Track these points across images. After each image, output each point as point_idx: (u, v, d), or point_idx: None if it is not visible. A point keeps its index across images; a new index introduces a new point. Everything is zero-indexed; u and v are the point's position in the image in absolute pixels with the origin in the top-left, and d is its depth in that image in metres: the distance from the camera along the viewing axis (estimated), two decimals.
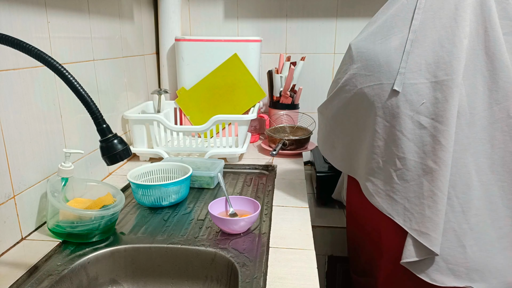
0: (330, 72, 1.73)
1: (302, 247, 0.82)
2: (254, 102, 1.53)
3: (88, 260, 0.79)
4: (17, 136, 0.82)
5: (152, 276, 0.83)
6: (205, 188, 1.14)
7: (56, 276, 0.72)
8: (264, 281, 0.70)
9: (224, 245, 0.82)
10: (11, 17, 0.80)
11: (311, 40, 1.70)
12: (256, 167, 1.30)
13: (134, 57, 1.43)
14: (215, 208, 0.91)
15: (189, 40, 1.53)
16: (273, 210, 0.98)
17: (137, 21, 1.45)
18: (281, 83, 1.59)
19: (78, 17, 1.04)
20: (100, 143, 0.65)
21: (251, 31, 1.71)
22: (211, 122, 1.29)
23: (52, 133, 0.93)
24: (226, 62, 1.53)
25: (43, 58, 0.59)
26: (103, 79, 1.18)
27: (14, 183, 0.81)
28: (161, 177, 1.12)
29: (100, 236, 0.84)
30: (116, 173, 1.25)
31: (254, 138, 1.64)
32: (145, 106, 1.49)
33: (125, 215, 0.97)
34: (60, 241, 0.83)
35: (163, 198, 1.00)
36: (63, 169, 0.87)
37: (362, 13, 1.64)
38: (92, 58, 1.11)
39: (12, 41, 0.59)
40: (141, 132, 1.32)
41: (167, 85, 1.68)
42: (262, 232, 0.88)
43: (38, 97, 0.88)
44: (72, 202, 0.90)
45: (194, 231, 0.88)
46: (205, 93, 1.55)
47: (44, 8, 0.90)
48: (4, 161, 0.78)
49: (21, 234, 0.84)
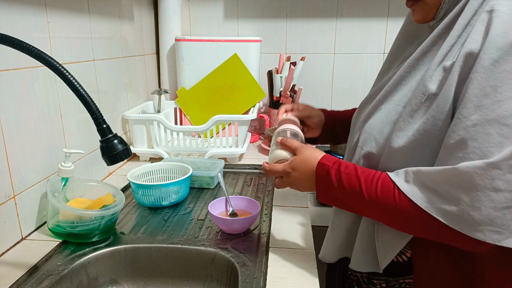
0: (330, 72, 1.73)
1: (302, 247, 0.82)
2: (254, 102, 1.53)
3: (88, 260, 0.79)
4: (17, 136, 0.82)
5: (152, 276, 0.83)
6: (205, 188, 1.14)
7: (56, 276, 0.72)
8: (264, 281, 0.70)
9: (224, 245, 0.82)
10: (11, 17, 0.80)
11: (311, 40, 1.70)
12: (256, 167, 1.30)
13: (134, 57, 1.43)
14: (215, 208, 0.91)
15: (189, 40, 1.53)
16: (273, 210, 0.98)
17: (137, 21, 1.45)
18: (281, 83, 1.59)
19: (78, 17, 1.04)
20: (100, 143, 0.65)
21: (251, 31, 1.71)
22: (211, 122, 1.29)
23: (52, 133, 0.93)
24: (226, 62, 1.53)
25: (43, 58, 0.59)
26: (103, 79, 1.18)
27: (14, 183, 0.81)
28: (161, 177, 1.12)
29: (100, 236, 0.84)
30: (116, 173, 1.25)
31: (254, 138, 1.64)
32: (145, 106, 1.49)
33: (125, 215, 0.97)
34: (60, 241, 0.83)
35: (163, 198, 1.00)
36: (63, 169, 0.87)
37: (362, 13, 1.65)
38: (92, 58, 1.11)
39: (12, 41, 0.59)
40: (141, 132, 1.32)
41: (167, 85, 1.68)
42: (262, 232, 0.88)
43: (38, 97, 0.88)
44: (72, 202, 0.91)
45: (194, 231, 0.88)
46: (205, 93, 1.55)
47: (44, 8, 0.90)
48: (4, 161, 0.78)
49: (21, 234, 0.84)
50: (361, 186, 0.65)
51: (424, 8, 0.67)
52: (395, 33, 0.81)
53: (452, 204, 0.56)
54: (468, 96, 0.56)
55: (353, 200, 0.67)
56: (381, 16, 1.64)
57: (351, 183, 0.66)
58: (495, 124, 0.54)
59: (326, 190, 0.70)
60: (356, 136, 0.75)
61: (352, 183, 0.66)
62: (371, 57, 1.69)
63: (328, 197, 0.70)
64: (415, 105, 0.62)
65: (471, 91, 0.56)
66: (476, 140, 0.55)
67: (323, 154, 0.72)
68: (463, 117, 0.56)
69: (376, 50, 1.68)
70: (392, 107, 0.68)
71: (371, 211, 0.66)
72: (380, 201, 0.63)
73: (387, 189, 0.63)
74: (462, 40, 0.59)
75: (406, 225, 0.64)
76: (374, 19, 1.65)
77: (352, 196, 0.66)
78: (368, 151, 0.69)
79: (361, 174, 0.66)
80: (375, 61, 1.68)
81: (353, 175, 0.66)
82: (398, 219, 0.63)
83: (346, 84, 1.74)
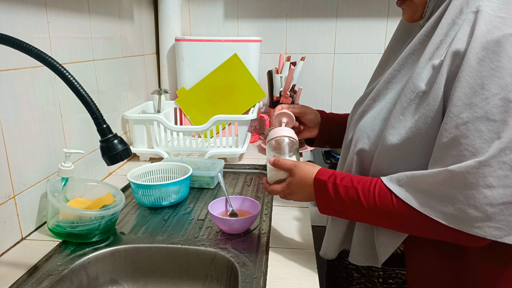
0: (330, 72, 1.73)
1: (302, 247, 0.82)
2: (254, 102, 1.53)
3: (88, 260, 0.79)
4: (17, 136, 0.82)
5: (152, 276, 0.83)
6: (205, 188, 1.14)
7: (56, 276, 0.72)
8: (264, 281, 0.70)
9: (224, 245, 0.82)
10: (11, 17, 0.80)
11: (311, 40, 1.70)
12: (256, 167, 1.30)
13: (134, 57, 1.43)
14: (215, 208, 0.91)
15: (189, 40, 1.53)
16: (273, 210, 0.98)
17: (137, 21, 1.45)
18: (281, 83, 1.59)
19: (78, 17, 1.04)
20: (100, 143, 0.65)
21: (251, 31, 1.71)
22: (211, 122, 1.29)
23: (52, 133, 0.93)
24: (226, 62, 1.53)
25: (43, 58, 0.59)
26: (103, 79, 1.18)
27: (14, 183, 0.81)
28: (161, 177, 1.12)
29: (100, 236, 0.84)
30: (116, 173, 1.25)
31: (254, 138, 1.64)
32: (145, 106, 1.49)
33: (125, 215, 0.97)
34: (60, 241, 0.83)
35: (163, 198, 1.00)
36: (63, 169, 0.87)
37: (362, 13, 1.65)
38: (92, 58, 1.11)
39: (12, 41, 0.59)
40: (141, 132, 1.32)
41: (167, 85, 1.68)
42: (262, 232, 0.88)
43: (38, 97, 0.88)
44: (72, 202, 0.91)
45: (194, 231, 0.88)
46: (205, 93, 1.55)
47: (44, 8, 0.90)
48: (4, 161, 0.78)
49: (21, 234, 0.84)
50: (359, 196, 0.66)
51: (412, 7, 0.70)
52: None
53: (448, 204, 0.58)
54: (458, 94, 0.58)
55: (352, 210, 0.68)
56: (381, 16, 1.64)
57: (349, 194, 0.67)
58: (484, 120, 0.56)
59: (326, 203, 0.71)
60: (350, 134, 0.76)
61: (350, 194, 0.67)
62: (371, 57, 1.69)
63: (328, 209, 0.72)
64: (405, 102, 0.64)
65: (460, 89, 0.57)
66: (468, 137, 0.56)
67: (317, 169, 0.73)
68: (454, 115, 0.58)
69: (376, 50, 1.68)
70: (383, 105, 0.70)
71: (370, 218, 0.68)
72: (379, 208, 0.64)
73: (384, 195, 0.64)
74: (449, 39, 0.61)
75: (406, 228, 0.66)
76: (374, 19, 1.65)
77: (351, 206, 0.67)
78: (361, 148, 0.71)
79: (357, 184, 0.67)
80: (375, 61, 1.66)
81: (350, 186, 0.67)
82: (398, 223, 0.65)
83: (346, 84, 1.74)
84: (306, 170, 0.74)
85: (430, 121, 0.61)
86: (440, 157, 0.60)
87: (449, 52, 0.59)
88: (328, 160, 1.54)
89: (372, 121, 0.70)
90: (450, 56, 0.59)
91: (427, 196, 0.60)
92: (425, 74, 0.62)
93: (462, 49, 0.58)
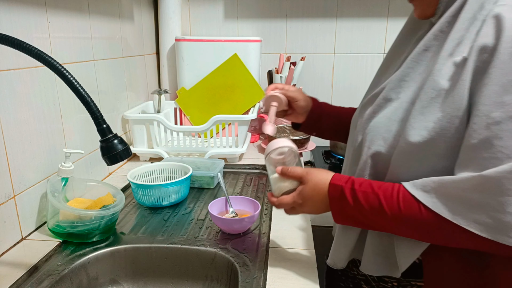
0: (330, 72, 1.73)
1: (302, 247, 0.82)
2: (254, 102, 1.53)
3: (88, 260, 0.79)
4: (17, 136, 0.82)
5: (152, 276, 0.83)
6: (205, 188, 1.14)
7: (56, 276, 0.72)
8: (264, 281, 0.70)
9: (224, 245, 0.82)
10: (11, 17, 0.80)
11: (311, 40, 1.70)
12: (256, 167, 1.30)
13: (134, 57, 1.43)
14: (215, 208, 0.91)
15: (189, 40, 1.53)
16: (273, 210, 0.98)
17: (137, 21, 1.45)
18: (281, 83, 1.59)
19: (78, 17, 1.04)
20: (100, 143, 0.65)
21: (251, 31, 1.71)
22: (211, 122, 1.29)
23: (52, 133, 0.93)
24: (226, 62, 1.53)
25: (43, 58, 0.59)
26: (103, 79, 1.18)
27: (14, 183, 0.81)
28: (161, 177, 1.12)
29: (100, 236, 0.84)
30: (116, 173, 1.25)
31: (254, 138, 1.64)
32: (145, 106, 1.49)
33: (125, 215, 0.97)
34: (60, 241, 0.83)
35: (163, 198, 1.00)
36: (63, 169, 0.87)
37: (362, 13, 1.65)
38: (92, 58, 1.11)
39: (12, 41, 0.59)
40: (141, 132, 1.32)
41: (167, 85, 1.68)
42: (262, 232, 0.88)
43: (38, 97, 0.88)
44: (72, 202, 0.91)
45: (194, 231, 0.88)
46: (205, 93, 1.55)
47: (44, 8, 0.90)
48: (4, 161, 0.78)
49: (21, 234, 0.84)
50: (381, 203, 0.61)
51: (424, 3, 0.66)
52: (395, 33, 0.81)
53: (482, 212, 0.54)
54: (487, 92, 0.54)
55: (373, 218, 0.63)
56: (381, 16, 1.64)
57: (369, 201, 0.62)
58: None
59: (342, 210, 0.66)
60: (359, 137, 0.72)
61: (371, 200, 0.62)
62: (371, 57, 1.69)
63: (344, 217, 0.67)
64: (426, 101, 0.60)
65: (490, 87, 0.54)
66: (502, 138, 0.52)
67: (332, 174, 0.69)
68: (484, 115, 0.54)
69: (376, 50, 1.68)
70: (398, 104, 0.65)
71: (393, 227, 0.63)
72: (405, 216, 0.60)
73: (409, 203, 0.60)
74: (471, 34, 0.57)
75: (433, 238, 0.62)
76: (374, 19, 1.65)
77: (372, 214, 0.63)
78: (376, 151, 0.66)
79: (378, 189, 0.62)
80: (375, 61, 1.68)
81: (370, 192, 0.63)
82: (424, 232, 0.61)
83: (346, 84, 1.74)
84: (320, 176, 0.69)
85: (457, 121, 0.57)
86: (468, 159, 0.56)
87: (474, 48, 0.56)
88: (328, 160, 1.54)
89: (387, 121, 0.65)
90: (476, 52, 0.55)
91: (458, 203, 0.55)
92: (446, 71, 0.58)
93: (490, 44, 0.54)
